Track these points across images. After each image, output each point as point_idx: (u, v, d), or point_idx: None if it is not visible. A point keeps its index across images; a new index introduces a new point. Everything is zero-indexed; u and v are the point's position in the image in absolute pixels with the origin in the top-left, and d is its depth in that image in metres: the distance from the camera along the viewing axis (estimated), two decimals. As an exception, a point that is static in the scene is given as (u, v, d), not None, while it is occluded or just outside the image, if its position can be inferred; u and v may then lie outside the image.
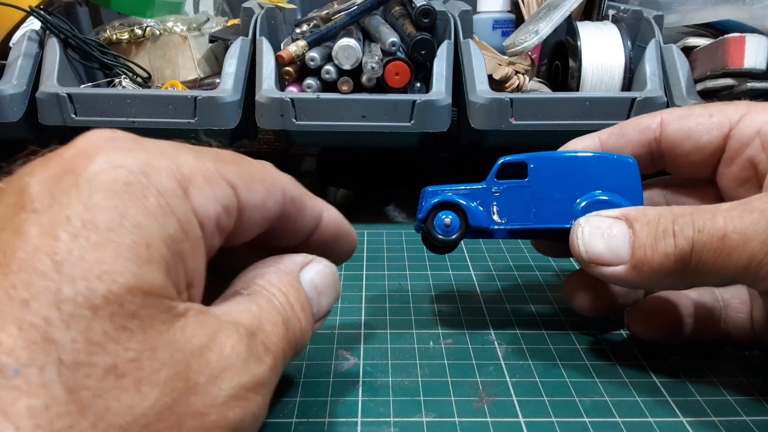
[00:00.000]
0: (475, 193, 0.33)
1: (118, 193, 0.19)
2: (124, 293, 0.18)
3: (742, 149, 0.31)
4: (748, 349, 0.34)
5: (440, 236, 0.34)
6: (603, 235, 0.28)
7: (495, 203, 0.33)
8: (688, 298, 0.33)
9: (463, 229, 0.33)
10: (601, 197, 0.32)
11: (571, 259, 0.42)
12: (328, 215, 0.29)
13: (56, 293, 0.17)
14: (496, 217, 0.33)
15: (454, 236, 0.34)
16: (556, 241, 0.34)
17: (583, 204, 0.32)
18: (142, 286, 0.18)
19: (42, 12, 0.54)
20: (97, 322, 0.17)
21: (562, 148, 0.35)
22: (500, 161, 0.33)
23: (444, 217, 0.33)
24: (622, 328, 0.36)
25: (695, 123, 0.32)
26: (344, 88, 0.51)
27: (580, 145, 0.35)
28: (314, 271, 0.26)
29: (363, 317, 0.38)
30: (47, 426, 0.16)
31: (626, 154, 0.33)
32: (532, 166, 0.32)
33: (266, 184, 0.24)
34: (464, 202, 0.33)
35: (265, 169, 0.25)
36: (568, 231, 0.31)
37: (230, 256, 0.26)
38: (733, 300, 0.33)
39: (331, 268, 0.27)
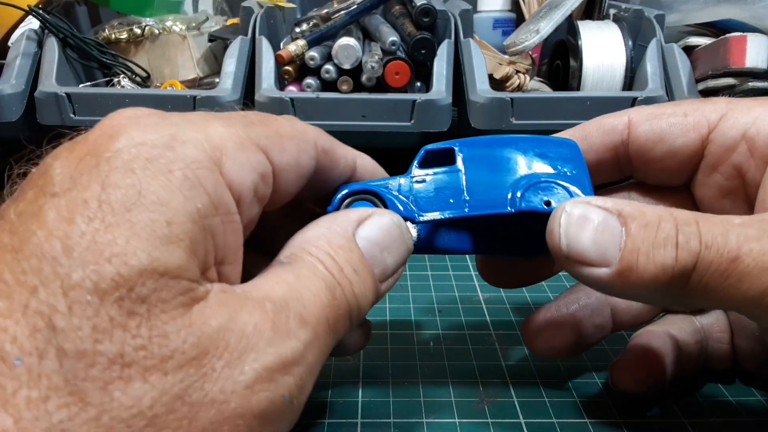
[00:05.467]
0: (394, 185, 0.27)
1: (136, 171, 0.18)
2: (134, 276, 0.17)
3: (725, 156, 0.27)
4: (727, 378, 0.31)
5: None
6: (591, 227, 0.23)
7: (420, 194, 0.27)
8: (670, 338, 0.29)
9: None
10: (545, 179, 0.26)
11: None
12: (362, 163, 0.27)
13: (64, 279, 0.16)
14: (420, 210, 0.27)
15: None
16: (504, 255, 0.30)
17: (523, 188, 0.26)
18: (157, 267, 0.17)
19: (41, 11, 0.54)
20: (104, 308, 0.16)
21: (589, 122, 0.30)
22: (423, 149, 0.28)
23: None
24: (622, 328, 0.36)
25: (668, 124, 0.28)
26: (344, 87, 0.51)
27: (609, 119, 0.30)
28: (374, 226, 0.24)
29: (363, 317, 0.38)
30: (46, 418, 0.15)
31: (589, 159, 0.28)
32: (460, 152, 0.27)
33: (297, 140, 0.23)
34: (380, 191, 0.27)
35: (293, 125, 0.23)
36: (512, 230, 0.27)
37: (267, 225, 0.24)
38: (713, 328, 0.30)
39: (394, 219, 0.24)
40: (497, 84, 0.55)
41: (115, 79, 0.55)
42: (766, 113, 0.26)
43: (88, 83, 0.57)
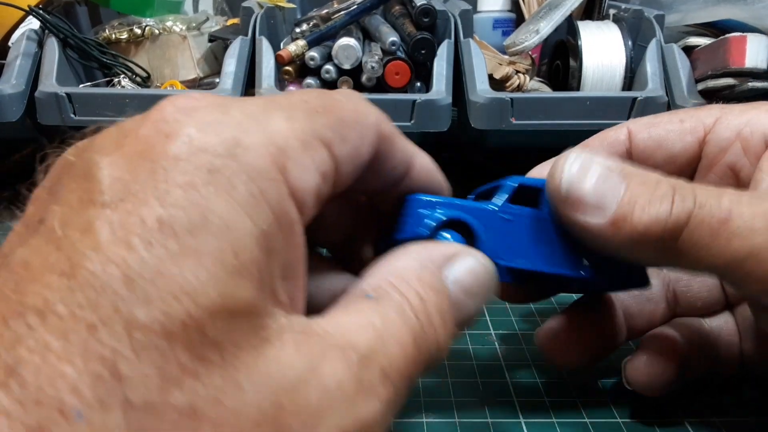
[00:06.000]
0: (482, 215, 0.25)
1: (199, 186, 0.16)
2: (205, 316, 0.15)
3: (720, 155, 0.28)
4: (732, 385, 0.31)
5: None
6: (593, 176, 0.23)
7: (506, 234, 0.25)
8: (682, 338, 0.29)
9: None
10: None
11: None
12: (421, 162, 0.25)
13: (127, 317, 0.14)
14: (504, 254, 0.25)
15: None
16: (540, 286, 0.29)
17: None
18: (228, 305, 0.15)
19: (41, 11, 0.54)
20: (174, 353, 0.14)
21: (593, 138, 0.31)
22: (517, 181, 0.26)
23: (446, 236, 0.25)
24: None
25: (665, 130, 0.29)
26: (344, 87, 0.51)
27: (611, 134, 0.30)
28: (464, 269, 0.22)
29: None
30: None
31: None
32: (545, 195, 0.25)
33: (359, 127, 0.21)
34: (476, 225, 0.25)
35: (355, 107, 0.21)
36: (573, 281, 0.26)
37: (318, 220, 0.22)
38: (722, 330, 0.30)
39: (486, 265, 0.22)
40: (497, 84, 0.55)
41: (116, 80, 0.55)
42: (759, 115, 0.27)
43: (89, 83, 0.57)
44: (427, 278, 0.21)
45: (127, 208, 0.15)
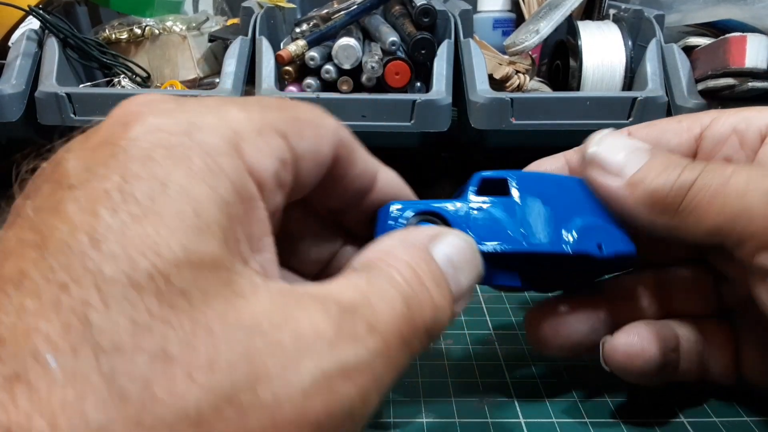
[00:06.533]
0: (453, 209, 0.26)
1: (157, 159, 0.17)
2: (170, 268, 0.16)
3: (716, 149, 0.29)
4: (730, 397, 0.30)
5: None
6: (624, 147, 0.27)
7: (477, 222, 0.26)
8: (670, 328, 0.29)
9: None
10: (596, 222, 0.27)
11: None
12: (386, 175, 0.26)
13: (96, 274, 0.15)
14: (480, 239, 0.26)
15: None
16: (543, 291, 0.30)
17: (576, 229, 0.26)
18: (192, 258, 0.16)
19: (41, 11, 0.54)
20: (142, 301, 0.15)
21: (526, 169, 0.31)
22: (479, 176, 0.27)
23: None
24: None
25: (663, 130, 0.30)
26: (344, 87, 0.51)
27: (546, 165, 0.31)
28: (448, 244, 0.22)
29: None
30: (83, 420, 0.14)
31: None
32: (514, 183, 0.27)
33: (317, 127, 0.22)
34: (448, 213, 0.26)
35: (313, 112, 0.23)
36: (559, 268, 0.27)
37: (284, 234, 0.23)
38: (715, 334, 0.30)
39: (467, 240, 0.23)
40: (497, 84, 0.55)
41: (116, 80, 0.55)
42: (755, 112, 0.29)
43: (89, 83, 0.57)
44: (413, 251, 0.21)
45: (92, 185, 0.17)
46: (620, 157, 0.26)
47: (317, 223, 0.28)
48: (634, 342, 0.28)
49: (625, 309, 0.30)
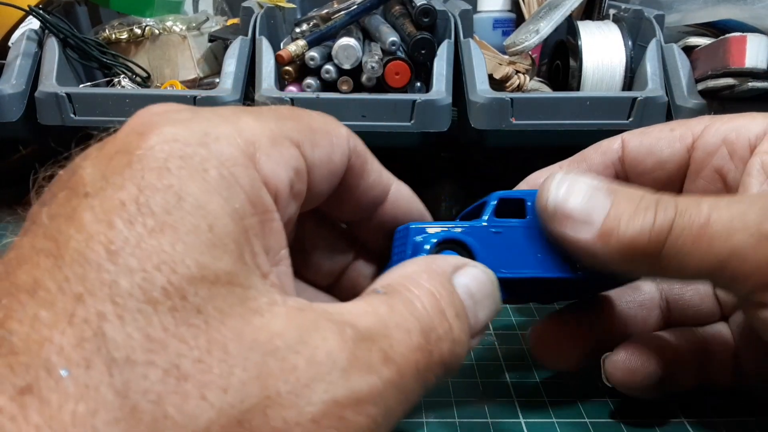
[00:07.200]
0: (473, 232, 0.26)
1: (172, 170, 0.17)
2: (186, 284, 0.16)
3: (707, 160, 0.29)
4: (728, 401, 0.30)
5: None
6: (581, 193, 0.24)
7: (498, 247, 0.26)
8: (670, 341, 0.29)
9: None
10: None
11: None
12: (399, 188, 0.26)
13: (111, 286, 0.15)
14: (500, 265, 0.26)
15: None
16: (544, 303, 0.30)
17: None
18: (207, 275, 0.16)
19: (41, 11, 0.54)
20: (158, 317, 0.15)
21: (522, 183, 0.32)
22: (497, 197, 0.27)
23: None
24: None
25: (656, 138, 0.30)
26: (344, 87, 0.51)
27: (542, 178, 0.30)
28: (470, 276, 0.22)
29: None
30: None
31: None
32: (530, 204, 0.27)
33: (329, 135, 0.22)
34: (470, 241, 0.26)
35: (325, 120, 0.23)
36: (570, 284, 0.27)
37: (296, 244, 0.23)
38: (715, 340, 0.30)
39: (489, 274, 0.23)
40: (497, 84, 0.55)
41: (116, 80, 0.55)
42: (746, 121, 0.28)
43: (89, 83, 0.56)
44: (437, 279, 0.21)
45: (108, 194, 0.17)
46: (581, 202, 0.24)
47: (331, 235, 0.28)
48: (634, 359, 0.28)
49: (627, 319, 0.30)
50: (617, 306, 0.30)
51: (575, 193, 0.25)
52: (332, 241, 0.28)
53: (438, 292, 0.21)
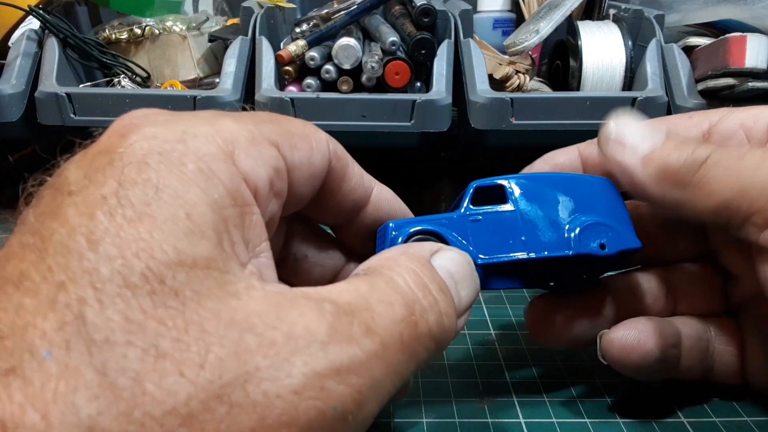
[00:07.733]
0: (450, 223, 0.26)
1: (151, 165, 0.18)
2: (163, 269, 0.16)
3: (723, 144, 0.29)
4: (735, 393, 0.30)
5: None
6: (638, 127, 0.27)
7: (477, 234, 0.26)
8: (672, 325, 0.29)
9: None
10: (596, 221, 0.27)
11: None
12: (380, 192, 0.27)
13: (92, 273, 0.16)
14: (479, 252, 0.26)
15: None
16: (547, 289, 0.30)
17: (577, 229, 0.26)
18: (184, 259, 0.17)
19: (41, 11, 0.54)
20: (136, 300, 0.16)
21: (538, 161, 0.32)
22: (472, 185, 0.27)
23: None
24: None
25: (673, 124, 0.30)
26: (344, 87, 0.51)
27: (561, 158, 0.31)
28: (447, 258, 0.23)
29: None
30: (74, 412, 0.15)
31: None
32: (510, 188, 0.27)
33: (309, 139, 0.23)
34: (443, 231, 0.26)
35: (304, 124, 0.23)
36: (562, 268, 0.27)
37: (283, 250, 0.24)
38: (721, 332, 0.30)
39: (464, 256, 0.24)
40: (497, 84, 0.55)
41: (116, 80, 0.55)
42: (763, 109, 0.29)
43: (89, 83, 0.57)
44: (418, 260, 0.22)
45: (90, 191, 0.17)
46: (638, 135, 0.27)
47: (319, 242, 0.28)
48: (631, 336, 0.27)
49: (630, 305, 0.30)
50: (618, 290, 0.30)
51: (633, 128, 0.27)
52: (321, 248, 0.28)
53: (419, 270, 0.21)
